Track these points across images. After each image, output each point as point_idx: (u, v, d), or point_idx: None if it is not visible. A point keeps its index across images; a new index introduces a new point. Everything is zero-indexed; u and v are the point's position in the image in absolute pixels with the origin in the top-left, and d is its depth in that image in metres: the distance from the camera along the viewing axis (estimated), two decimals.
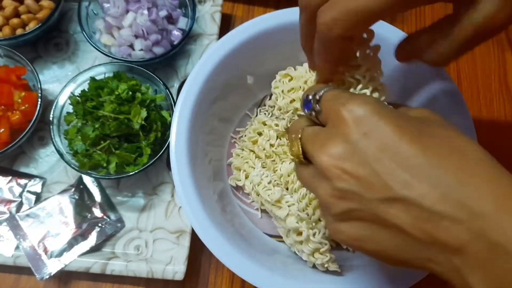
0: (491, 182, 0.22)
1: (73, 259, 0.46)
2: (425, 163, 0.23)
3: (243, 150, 0.48)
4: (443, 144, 0.24)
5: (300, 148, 0.29)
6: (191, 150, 0.40)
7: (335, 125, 0.26)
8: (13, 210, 0.49)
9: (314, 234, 0.39)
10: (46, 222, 0.48)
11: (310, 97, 0.29)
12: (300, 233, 0.40)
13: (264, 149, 0.46)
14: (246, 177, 0.46)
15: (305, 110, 0.30)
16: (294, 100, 0.44)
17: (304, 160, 0.29)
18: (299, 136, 0.29)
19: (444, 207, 0.22)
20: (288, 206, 0.41)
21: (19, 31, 0.53)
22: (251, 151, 0.47)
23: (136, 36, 0.53)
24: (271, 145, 0.46)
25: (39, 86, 0.50)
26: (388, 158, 0.24)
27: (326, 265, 0.39)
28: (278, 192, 0.41)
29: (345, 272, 0.40)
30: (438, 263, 0.24)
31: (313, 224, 0.40)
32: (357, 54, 0.32)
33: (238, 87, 0.47)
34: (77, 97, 0.49)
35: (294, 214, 0.40)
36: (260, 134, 0.47)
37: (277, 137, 0.46)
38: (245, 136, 0.48)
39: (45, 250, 0.47)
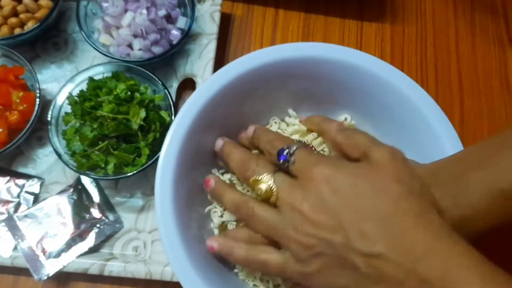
0: (425, 233, 0.29)
1: (71, 260, 0.46)
2: (376, 218, 0.30)
3: None
4: (389, 201, 0.31)
5: (275, 191, 0.34)
6: (177, 199, 0.39)
7: (307, 182, 0.33)
8: (11, 210, 0.49)
9: None
10: (44, 222, 0.48)
11: (286, 151, 0.35)
12: None
13: None
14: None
15: (281, 160, 0.36)
16: None
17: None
18: (272, 178, 0.35)
19: (391, 254, 0.29)
20: None
21: (17, 31, 0.53)
22: None
23: (135, 36, 0.53)
24: None
25: (37, 86, 0.50)
26: (351, 212, 0.31)
27: None
28: None
29: None
30: None
31: None
32: None
33: (231, 123, 0.45)
34: (75, 97, 0.49)
35: None
36: None
37: None
38: None
39: (43, 251, 0.47)
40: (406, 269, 0.28)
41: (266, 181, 0.35)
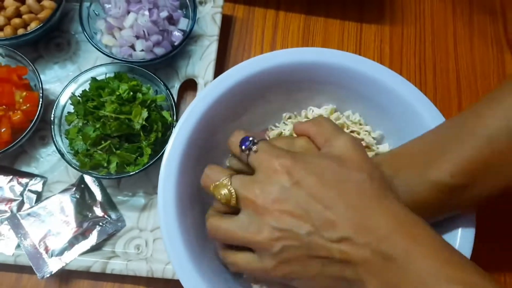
0: (388, 215, 0.31)
1: (73, 258, 0.47)
2: (340, 205, 0.31)
3: None
4: (352, 188, 0.32)
5: (233, 192, 0.34)
6: (180, 203, 0.39)
7: (268, 174, 0.33)
8: (14, 209, 0.49)
9: None
10: (47, 221, 0.48)
11: (250, 138, 0.35)
12: None
13: None
14: None
15: (243, 146, 0.35)
16: None
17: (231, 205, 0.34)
18: (229, 181, 0.34)
19: (357, 236, 0.30)
20: None
21: (20, 31, 0.54)
22: None
23: (137, 37, 0.53)
24: None
25: (40, 86, 0.50)
26: (314, 202, 0.32)
27: None
28: None
29: None
30: (348, 279, 0.31)
31: None
32: None
33: (234, 124, 0.46)
34: (78, 97, 0.50)
35: None
36: None
37: None
38: None
39: (46, 249, 0.47)
40: (372, 248, 0.30)
41: (224, 185, 0.34)
